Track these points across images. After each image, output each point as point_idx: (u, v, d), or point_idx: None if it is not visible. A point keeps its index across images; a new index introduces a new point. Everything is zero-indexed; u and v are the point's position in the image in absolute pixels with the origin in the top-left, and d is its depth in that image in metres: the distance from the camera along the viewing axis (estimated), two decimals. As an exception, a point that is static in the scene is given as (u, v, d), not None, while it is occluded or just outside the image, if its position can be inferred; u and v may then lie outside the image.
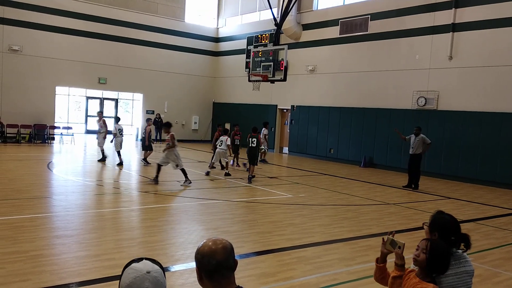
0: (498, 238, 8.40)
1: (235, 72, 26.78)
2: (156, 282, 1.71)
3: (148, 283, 1.69)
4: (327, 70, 21.49)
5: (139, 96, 26.63)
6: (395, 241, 2.84)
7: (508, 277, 6.21)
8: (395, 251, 2.83)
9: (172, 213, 9.21)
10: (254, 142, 13.91)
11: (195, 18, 28.39)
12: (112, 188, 11.56)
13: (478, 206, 11.77)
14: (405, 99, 18.09)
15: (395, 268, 2.83)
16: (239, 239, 7.39)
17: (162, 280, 1.75)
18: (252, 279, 5.57)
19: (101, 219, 8.26)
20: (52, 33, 22.89)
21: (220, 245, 2.01)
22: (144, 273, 1.71)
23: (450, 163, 16.65)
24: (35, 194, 10.12)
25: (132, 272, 1.72)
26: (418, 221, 9.38)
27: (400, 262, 2.81)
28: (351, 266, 6.30)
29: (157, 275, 1.74)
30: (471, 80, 16.16)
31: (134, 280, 1.70)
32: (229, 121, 27.37)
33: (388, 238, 2.89)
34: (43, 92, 22.82)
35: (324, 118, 21.33)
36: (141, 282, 1.69)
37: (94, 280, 5.22)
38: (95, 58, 24.26)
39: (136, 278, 1.70)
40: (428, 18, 17.44)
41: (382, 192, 13.09)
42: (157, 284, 1.71)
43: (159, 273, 1.76)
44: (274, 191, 12.29)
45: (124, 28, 25.10)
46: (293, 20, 22.29)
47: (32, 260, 5.80)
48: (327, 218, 9.40)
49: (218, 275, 1.97)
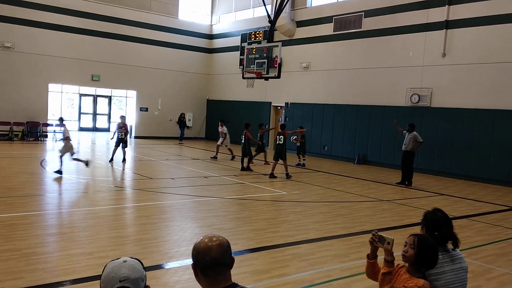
0: (491, 234, 8.46)
1: (229, 69, 26.74)
2: (133, 269, 1.79)
3: (125, 270, 1.78)
4: (321, 67, 21.50)
5: (133, 93, 26.52)
6: (383, 237, 2.84)
7: (500, 273, 6.26)
8: (384, 247, 2.83)
9: (166, 210, 9.20)
10: (282, 139, 14.27)
11: (188, 15, 28.29)
12: (105, 186, 11.52)
13: (471, 202, 11.83)
14: (398, 96, 18.15)
15: (384, 264, 2.82)
16: (233, 236, 7.39)
17: (139, 268, 1.83)
18: (246, 276, 5.57)
19: (94, 217, 8.23)
20: (45, 30, 22.74)
21: (216, 242, 2.01)
22: (121, 262, 1.81)
23: (444, 160, 16.73)
24: (28, 192, 10.06)
25: (109, 265, 1.82)
26: (412, 218, 9.42)
27: (389, 258, 2.81)
28: (345, 263, 6.33)
29: (134, 263, 1.82)
30: (464, 77, 16.23)
31: (112, 270, 1.78)
32: (223, 118, 27.36)
33: (376, 234, 2.90)
34: (36, 89, 22.68)
35: (318, 115, 21.36)
36: (118, 269, 1.78)
37: (87, 278, 5.20)
38: (88, 55, 24.13)
39: (113, 268, 1.79)
40: (421, 15, 17.49)
41: (376, 189, 13.14)
42: (134, 271, 1.79)
43: (136, 263, 1.84)
44: (268, 188, 12.29)
45: (118, 25, 24.97)
46: (287, 17, 22.27)
47: (25, 258, 5.78)
48: (321, 215, 9.42)
49: (212, 272, 1.97)
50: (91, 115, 27.02)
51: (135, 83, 26.03)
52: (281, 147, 14.30)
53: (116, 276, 1.75)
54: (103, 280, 1.77)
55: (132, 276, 1.77)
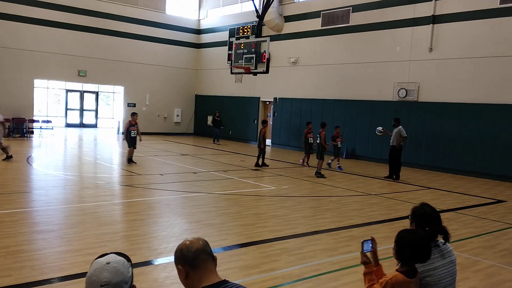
0: (478, 227, 8.56)
1: (218, 64, 26.65)
2: (115, 272, 1.75)
3: (107, 273, 1.74)
4: (309, 62, 21.52)
5: (120, 89, 26.32)
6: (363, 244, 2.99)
7: (487, 265, 6.34)
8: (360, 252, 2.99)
9: (155, 206, 9.16)
10: (319, 139, 14.41)
11: (176, 10, 28.11)
12: (93, 182, 11.43)
13: (458, 196, 11.97)
14: (386, 91, 18.25)
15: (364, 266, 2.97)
16: (223, 232, 7.39)
17: (124, 270, 1.78)
18: (235, 271, 5.58)
19: (82, 214, 8.17)
20: (30, 25, 22.44)
21: (194, 239, 2.12)
22: (104, 264, 1.76)
23: (431, 154, 16.88)
24: (14, 189, 9.95)
25: (93, 265, 1.78)
26: (399, 211, 9.50)
27: (362, 260, 2.96)
28: (333, 257, 6.36)
29: (117, 265, 1.78)
30: (451, 71, 16.37)
31: (94, 272, 1.75)
32: (212, 114, 27.33)
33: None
34: (21, 85, 22.40)
35: (307, 110, 21.39)
36: (99, 273, 1.74)
37: (76, 275, 5.18)
38: (74, 50, 23.87)
39: (95, 270, 1.75)
40: (408, 10, 17.58)
41: (364, 183, 13.22)
42: (117, 274, 1.75)
43: (121, 264, 1.79)
44: (257, 183, 12.31)
45: (104, 19, 24.72)
46: (275, 12, 22.24)
47: (13, 256, 5.72)
48: (310, 210, 9.45)
49: (201, 261, 2.03)
50: (78, 111, 26.79)
51: (123, 79, 25.82)
52: (318, 146, 14.38)
53: (97, 280, 1.72)
54: (86, 280, 1.75)
55: (114, 280, 1.73)
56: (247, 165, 15.79)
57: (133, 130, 14.42)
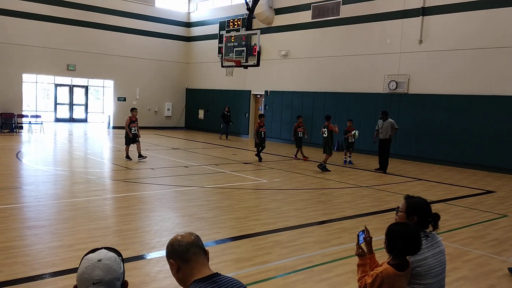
0: (467, 218, 8.65)
1: (208, 57, 26.54)
2: (107, 269, 1.72)
3: (99, 271, 1.71)
4: (300, 55, 21.51)
5: (110, 83, 26.12)
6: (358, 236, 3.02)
7: (477, 255, 6.42)
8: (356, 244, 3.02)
9: (146, 200, 9.14)
10: (325, 132, 13.97)
11: (165, 3, 27.88)
12: (84, 177, 11.37)
13: (447, 187, 12.08)
14: (377, 83, 18.31)
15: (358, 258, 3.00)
16: (215, 225, 7.40)
17: (116, 266, 1.76)
18: (228, 264, 5.60)
19: (73, 209, 8.12)
20: (17, 19, 22.15)
21: (186, 233, 2.13)
22: (95, 262, 1.73)
23: (420, 145, 17.00)
24: (4, 184, 9.86)
25: (84, 262, 1.75)
26: (390, 203, 9.57)
27: (357, 252, 2.97)
28: (325, 249, 6.40)
29: (109, 262, 1.75)
30: (440, 63, 16.45)
31: (85, 270, 1.72)
32: (203, 107, 27.24)
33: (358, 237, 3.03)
34: (9, 79, 22.15)
35: (298, 103, 21.41)
36: (91, 270, 1.71)
37: (67, 270, 5.16)
38: (63, 44, 23.62)
39: (87, 268, 1.72)
40: (398, 2, 17.60)
41: (355, 175, 13.29)
42: (109, 271, 1.72)
43: (112, 260, 1.76)
44: (249, 177, 12.32)
45: (93, 13, 24.47)
46: (265, 5, 22.16)
47: (4, 252, 5.69)
48: (302, 202, 9.49)
49: (192, 255, 2.04)
50: (67, 105, 26.59)
51: (112, 73, 25.62)
52: (326, 140, 14.02)
53: (89, 277, 1.70)
54: (78, 278, 1.73)
55: (106, 278, 1.71)
56: (238, 158, 15.79)
57: (134, 127, 14.19)
